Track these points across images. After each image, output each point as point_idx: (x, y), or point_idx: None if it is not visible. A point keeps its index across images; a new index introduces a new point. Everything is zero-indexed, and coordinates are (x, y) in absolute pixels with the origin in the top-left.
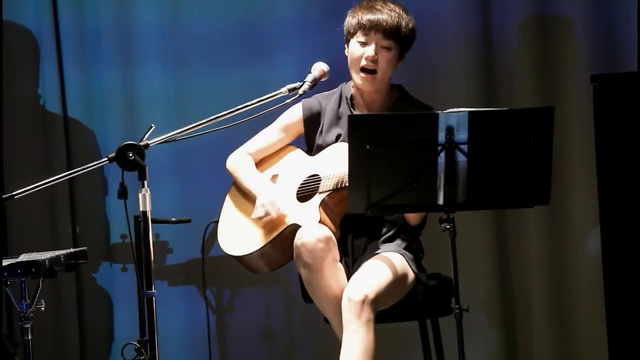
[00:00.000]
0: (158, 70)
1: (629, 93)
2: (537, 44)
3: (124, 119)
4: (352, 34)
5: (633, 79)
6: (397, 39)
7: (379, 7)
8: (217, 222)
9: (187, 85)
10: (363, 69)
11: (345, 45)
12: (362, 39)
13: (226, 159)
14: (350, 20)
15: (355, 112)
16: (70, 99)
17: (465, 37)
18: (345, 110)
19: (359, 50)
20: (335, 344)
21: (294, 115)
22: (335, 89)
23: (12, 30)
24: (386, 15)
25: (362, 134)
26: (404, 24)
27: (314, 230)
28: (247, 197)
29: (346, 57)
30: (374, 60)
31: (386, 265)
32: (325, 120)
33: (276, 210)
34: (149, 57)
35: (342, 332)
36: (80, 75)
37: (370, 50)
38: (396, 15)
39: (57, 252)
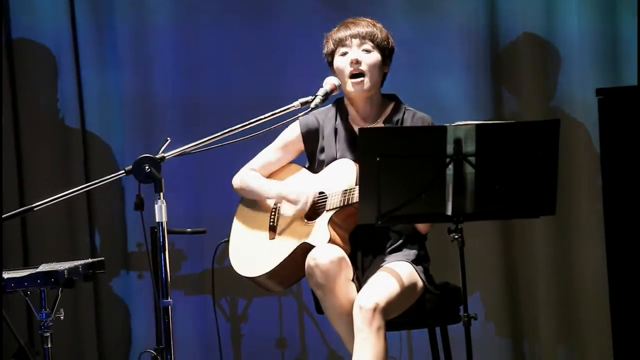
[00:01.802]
0: (173, 78)
1: (633, 106)
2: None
3: (140, 131)
4: (332, 54)
5: (637, 92)
6: (373, 41)
7: (350, 22)
8: (227, 242)
9: (200, 93)
10: (352, 76)
11: (331, 70)
12: (342, 50)
13: (234, 172)
14: (328, 45)
15: (355, 126)
16: (88, 113)
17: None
18: (341, 124)
19: (343, 61)
20: (346, 351)
21: (292, 133)
22: (329, 105)
23: (31, 48)
24: (359, 26)
25: (372, 146)
26: (377, 29)
27: (327, 251)
28: (255, 217)
29: None
30: (358, 62)
31: (395, 274)
32: (325, 135)
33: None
34: (165, 65)
35: (352, 344)
36: (97, 90)
37: (352, 54)
38: (367, 24)
39: (76, 263)
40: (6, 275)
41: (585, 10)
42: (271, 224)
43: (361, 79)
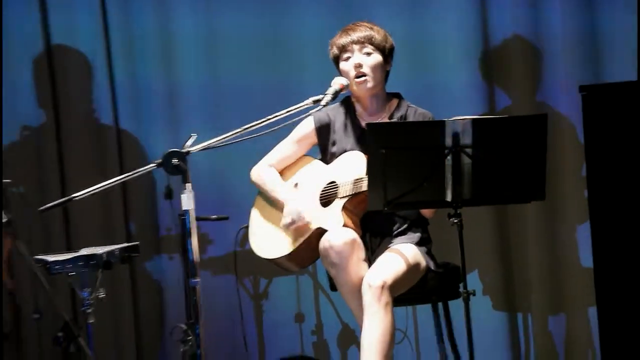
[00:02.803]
0: (197, 75)
1: (614, 101)
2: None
3: (168, 126)
4: (337, 58)
5: (618, 89)
6: (372, 44)
7: (349, 29)
8: (247, 227)
9: (222, 88)
10: (356, 77)
11: (337, 70)
12: (346, 55)
13: (253, 164)
14: (333, 50)
15: (362, 121)
16: (121, 110)
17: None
18: (350, 120)
19: (347, 65)
20: (357, 325)
21: (307, 127)
22: (339, 102)
23: (68, 54)
24: (358, 32)
25: (378, 140)
26: (374, 32)
27: (340, 233)
28: (273, 205)
29: None
30: (360, 65)
31: (401, 255)
32: (336, 130)
33: (301, 219)
34: (189, 62)
35: (362, 318)
36: (128, 89)
37: (354, 59)
38: (365, 28)
39: (113, 247)
40: (51, 258)
41: (569, 9)
42: None
43: (364, 78)
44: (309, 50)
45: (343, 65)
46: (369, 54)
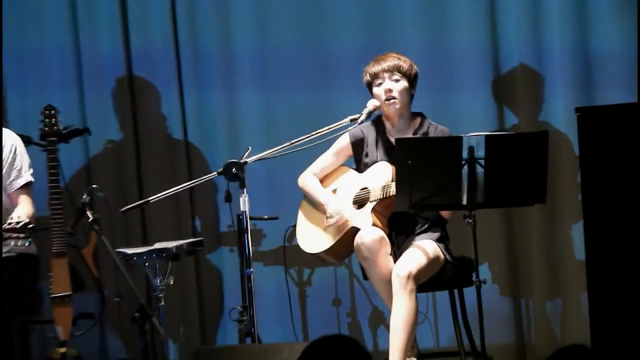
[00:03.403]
0: (252, 95)
1: (604, 121)
2: (534, 80)
3: (228, 140)
4: (370, 84)
5: (607, 110)
6: (400, 72)
7: (381, 59)
8: (294, 226)
9: (274, 107)
10: (387, 99)
11: (371, 94)
12: (377, 81)
13: (299, 172)
14: (367, 77)
15: (391, 137)
16: (189, 127)
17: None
18: (381, 136)
19: (379, 90)
20: (386, 308)
21: (344, 142)
22: (372, 120)
23: (145, 83)
24: (388, 61)
25: (405, 152)
26: (402, 62)
27: (370, 232)
28: (315, 207)
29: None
30: (390, 90)
31: (423, 250)
32: (368, 144)
33: (341, 218)
34: (246, 85)
35: (391, 304)
36: (195, 110)
37: (385, 85)
38: (393, 58)
39: (181, 242)
40: (130, 251)
41: (567, 39)
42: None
43: (393, 101)
44: (346, 73)
45: (375, 89)
46: (397, 80)
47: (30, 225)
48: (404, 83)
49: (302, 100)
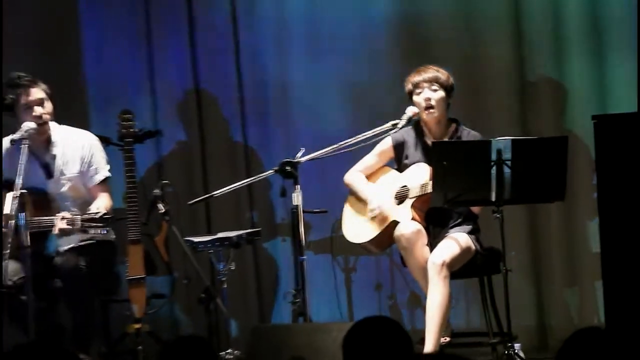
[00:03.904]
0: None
1: (618, 127)
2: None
3: (283, 141)
4: (411, 92)
5: (621, 118)
6: (438, 83)
7: (422, 70)
8: (340, 219)
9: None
10: (426, 108)
11: (410, 101)
12: (418, 90)
13: (346, 171)
14: (408, 87)
15: (429, 141)
16: (249, 131)
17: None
18: (420, 139)
19: (419, 98)
20: (422, 292)
21: (386, 144)
22: (412, 126)
23: (209, 94)
24: (428, 73)
25: (441, 154)
26: (440, 74)
27: (409, 225)
28: (360, 202)
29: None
30: (429, 99)
31: (457, 241)
32: (408, 147)
33: (383, 211)
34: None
35: (427, 289)
36: (254, 115)
37: (424, 94)
38: (433, 71)
39: (241, 231)
40: (196, 239)
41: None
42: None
43: (432, 110)
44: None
45: (416, 98)
46: (435, 90)
47: (108, 216)
48: (441, 93)
49: (348, 108)
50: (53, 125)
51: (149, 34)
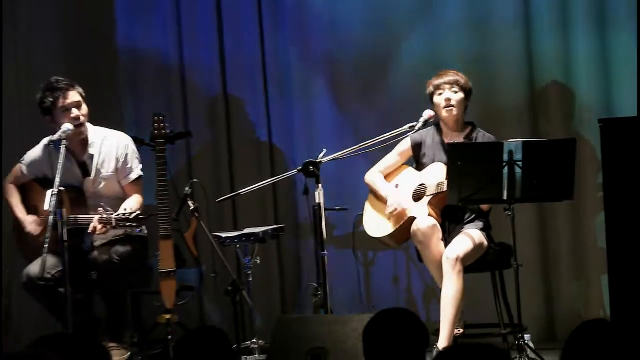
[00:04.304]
0: (326, 106)
1: (623, 130)
2: (565, 94)
3: (305, 142)
4: (433, 94)
5: (625, 121)
6: (458, 86)
7: (443, 74)
8: (361, 215)
9: (344, 114)
10: (445, 106)
11: (431, 103)
12: (439, 92)
13: (366, 170)
14: (430, 89)
15: (446, 141)
16: (274, 132)
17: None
18: (437, 140)
19: (439, 98)
20: (437, 286)
21: (406, 145)
22: (432, 126)
23: (237, 100)
24: (448, 76)
25: (456, 155)
26: (459, 77)
27: (426, 221)
28: (380, 200)
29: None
30: (449, 99)
31: (470, 237)
32: (426, 147)
33: (401, 208)
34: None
35: (442, 282)
36: (279, 117)
37: (445, 95)
38: (454, 74)
39: (266, 227)
40: (224, 234)
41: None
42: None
43: (451, 108)
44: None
45: (436, 98)
46: (455, 92)
47: (142, 217)
48: (460, 95)
49: (366, 108)
50: (90, 127)
51: (181, 45)
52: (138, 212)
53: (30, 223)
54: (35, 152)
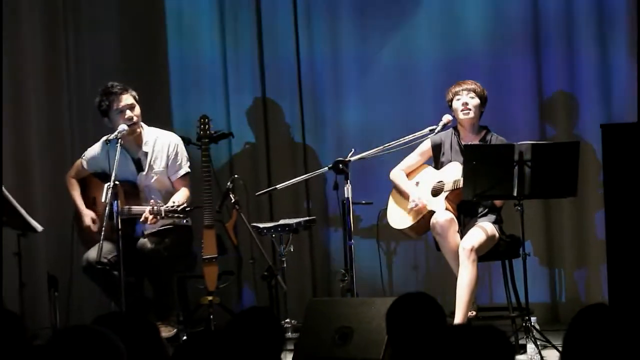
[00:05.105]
0: (355, 109)
1: (623, 135)
2: (569, 101)
3: (335, 142)
4: (451, 100)
5: (625, 127)
6: (475, 93)
7: (462, 82)
8: (385, 209)
9: (371, 118)
10: (462, 111)
11: (450, 108)
12: (458, 97)
13: (390, 170)
14: (449, 95)
15: (465, 144)
16: (306, 133)
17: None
18: (455, 141)
19: (458, 103)
20: (453, 273)
21: (426, 146)
22: (449, 130)
23: (273, 103)
24: (466, 85)
25: (472, 155)
26: (476, 86)
27: (443, 214)
28: (402, 195)
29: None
30: (466, 104)
31: (483, 229)
32: (445, 148)
33: (421, 203)
34: (353, 100)
35: (457, 270)
36: (312, 120)
37: (463, 99)
38: (472, 83)
39: (299, 219)
40: (261, 225)
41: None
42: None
43: (468, 112)
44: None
45: (455, 103)
46: (472, 98)
47: (188, 209)
48: (477, 100)
49: (391, 110)
50: (145, 127)
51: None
52: (185, 205)
53: (87, 216)
54: (94, 149)
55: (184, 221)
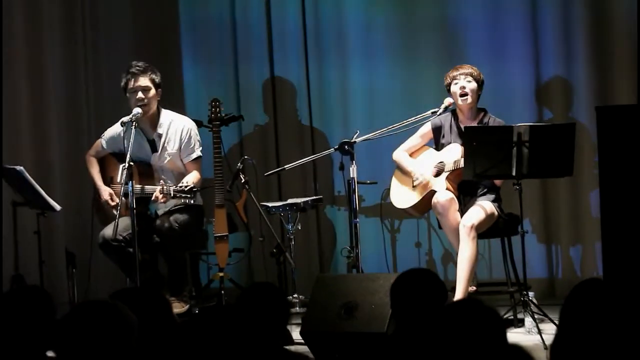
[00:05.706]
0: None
1: (617, 117)
2: (565, 87)
3: (341, 124)
4: (450, 84)
5: (620, 109)
6: (472, 77)
7: (459, 67)
8: (389, 188)
9: (377, 99)
10: (461, 95)
11: (448, 92)
12: (455, 82)
13: (393, 151)
14: (447, 80)
15: (462, 125)
16: (313, 116)
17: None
18: (455, 124)
19: (456, 87)
20: (454, 250)
21: (427, 128)
22: (448, 113)
23: (283, 82)
24: (464, 69)
25: (471, 136)
26: (473, 70)
27: (444, 194)
28: (405, 175)
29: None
30: (463, 87)
31: (483, 208)
32: (445, 130)
33: (425, 180)
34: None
35: (458, 247)
36: (318, 102)
37: (460, 84)
38: (468, 67)
39: (307, 198)
40: (270, 204)
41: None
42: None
43: (466, 97)
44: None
45: (453, 87)
46: (469, 82)
47: (195, 189)
48: (474, 84)
49: (395, 92)
50: (163, 110)
51: (235, 57)
52: (192, 186)
53: (105, 191)
54: (113, 129)
55: (191, 201)
